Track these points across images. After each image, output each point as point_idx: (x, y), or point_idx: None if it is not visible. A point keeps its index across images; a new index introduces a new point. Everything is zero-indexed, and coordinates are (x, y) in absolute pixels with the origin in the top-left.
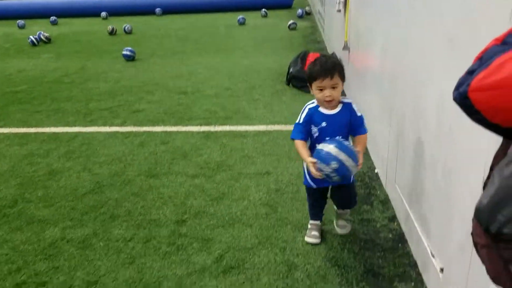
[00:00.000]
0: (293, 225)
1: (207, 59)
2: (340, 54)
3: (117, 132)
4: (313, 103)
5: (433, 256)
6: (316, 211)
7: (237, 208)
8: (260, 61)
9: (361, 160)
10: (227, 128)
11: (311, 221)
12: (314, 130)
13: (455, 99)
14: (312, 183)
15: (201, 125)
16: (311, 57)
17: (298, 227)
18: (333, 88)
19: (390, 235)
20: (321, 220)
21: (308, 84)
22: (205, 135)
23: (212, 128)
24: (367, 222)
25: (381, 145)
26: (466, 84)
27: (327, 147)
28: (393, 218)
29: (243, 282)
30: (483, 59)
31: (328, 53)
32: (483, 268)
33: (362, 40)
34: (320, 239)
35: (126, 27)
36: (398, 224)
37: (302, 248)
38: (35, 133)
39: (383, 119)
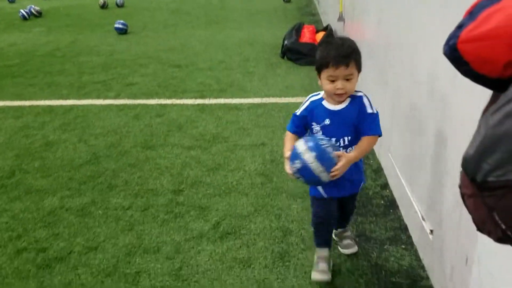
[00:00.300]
0: (288, 193)
1: (200, 31)
2: (335, 26)
3: (111, 105)
4: (317, 94)
5: (423, 219)
6: (324, 235)
7: (233, 178)
8: (254, 33)
9: (337, 170)
10: (221, 101)
11: (318, 250)
12: (316, 128)
13: (445, 53)
14: (322, 192)
15: (195, 98)
16: (306, 29)
17: (292, 196)
18: (347, 80)
19: (382, 202)
20: (330, 247)
21: (316, 71)
22: (200, 107)
23: (206, 101)
24: (360, 190)
25: None
26: (455, 37)
27: (298, 142)
28: (385, 185)
29: (240, 247)
30: (472, 14)
31: (323, 25)
32: (471, 228)
33: (357, 10)
34: (330, 275)
35: (118, 0)
36: (390, 191)
37: (297, 215)
38: (30, 106)
39: (378, 89)
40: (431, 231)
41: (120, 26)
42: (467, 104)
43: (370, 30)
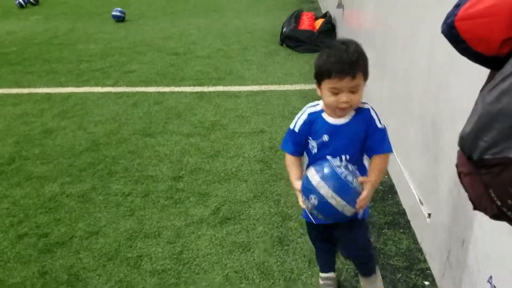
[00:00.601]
0: (287, 179)
1: (198, 19)
2: (334, 13)
3: (110, 93)
4: (315, 105)
5: (421, 203)
6: (322, 259)
7: (232, 164)
8: (253, 21)
9: (364, 200)
10: (220, 88)
11: (320, 274)
12: (313, 144)
13: (443, 32)
14: (311, 217)
15: (194, 85)
16: (305, 16)
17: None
18: (353, 92)
19: (381, 187)
20: (334, 271)
21: (315, 79)
22: (199, 95)
23: (205, 89)
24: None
25: (374, 101)
26: (453, 15)
27: (309, 171)
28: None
29: (239, 231)
30: None
31: (322, 12)
32: (468, 211)
33: None
34: None
35: None
36: (389, 177)
37: (296, 201)
38: (28, 94)
39: (376, 76)
40: (429, 214)
41: (118, 13)
42: (464, 88)
43: (368, 16)
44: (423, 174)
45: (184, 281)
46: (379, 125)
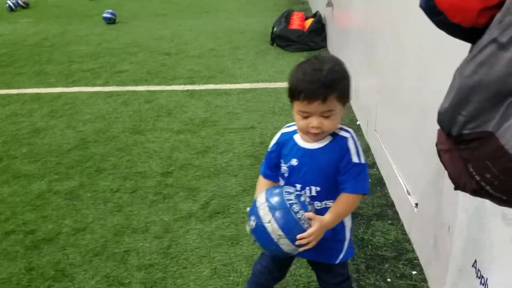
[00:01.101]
0: None
1: (190, 21)
2: (324, 11)
3: (100, 92)
4: (291, 125)
5: (408, 193)
6: None
7: (222, 160)
8: (245, 22)
9: (306, 239)
10: (211, 86)
11: None
12: (284, 168)
13: (421, 5)
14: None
15: (185, 84)
16: (295, 16)
17: None
18: (325, 117)
19: (370, 180)
20: None
21: (288, 97)
22: (189, 93)
23: (196, 87)
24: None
25: (363, 96)
26: None
27: (261, 192)
28: (373, 164)
29: (228, 225)
30: None
31: (312, 12)
32: (453, 198)
33: None
34: None
35: None
36: (378, 170)
37: None
38: (17, 94)
39: (365, 71)
40: (416, 204)
41: (109, 15)
42: (450, 77)
43: (357, 13)
44: (411, 165)
45: (171, 275)
46: (354, 159)
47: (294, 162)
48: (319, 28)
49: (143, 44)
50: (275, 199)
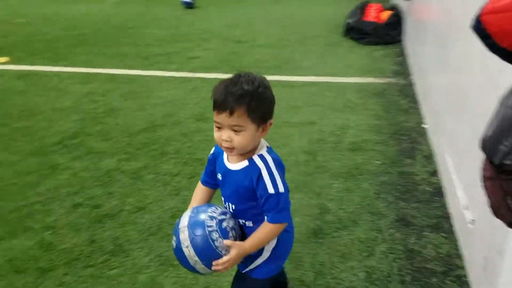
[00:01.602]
0: (331, 173)
1: (264, 9)
2: (403, 5)
3: (172, 77)
4: None
5: (465, 208)
6: None
7: (278, 153)
8: (319, 11)
9: (221, 266)
10: (275, 77)
11: None
12: (219, 180)
13: (472, 26)
14: None
15: None
16: (372, 8)
17: (335, 175)
18: (235, 131)
19: (428, 189)
20: None
21: None
22: None
23: None
24: (407, 175)
25: (433, 97)
26: (480, 9)
27: (188, 212)
28: (435, 172)
29: None
30: None
31: (389, 4)
32: None
33: None
34: None
35: None
36: (439, 178)
37: (337, 194)
38: (97, 74)
39: (436, 70)
40: (472, 220)
41: (187, 0)
42: None
43: (436, 8)
44: (471, 178)
45: None
46: (270, 190)
47: (219, 176)
48: (396, 21)
49: (217, 31)
50: (196, 225)
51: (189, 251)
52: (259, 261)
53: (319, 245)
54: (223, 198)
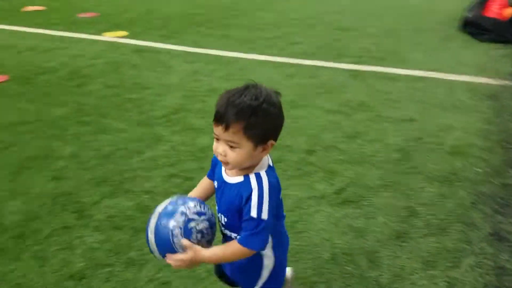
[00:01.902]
0: (425, 175)
1: None
2: None
3: (271, 61)
4: None
5: None
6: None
7: (368, 148)
8: (434, 1)
9: (173, 260)
10: (378, 69)
11: None
12: (215, 184)
13: None
14: None
15: (352, 63)
16: (494, 2)
17: (430, 178)
18: (231, 146)
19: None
20: None
21: None
22: (354, 73)
23: (362, 67)
24: (510, 187)
25: None
26: None
27: (165, 201)
28: None
29: (358, 216)
30: None
31: None
32: None
33: None
34: None
35: None
36: None
37: (428, 199)
38: (203, 54)
39: None
40: None
41: None
42: None
43: None
44: None
45: (291, 248)
46: (253, 213)
47: (215, 184)
48: None
49: (322, 17)
50: (165, 215)
51: (152, 237)
52: (260, 283)
53: (400, 248)
54: (217, 208)
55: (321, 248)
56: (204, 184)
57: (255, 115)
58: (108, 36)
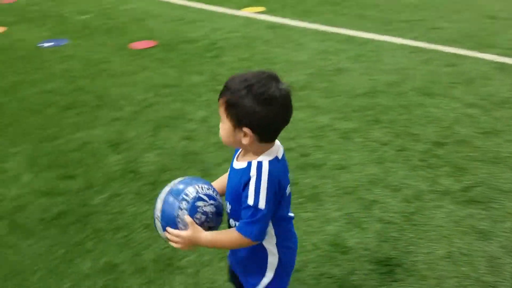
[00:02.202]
0: None
1: None
2: None
3: (406, 45)
4: None
5: None
6: None
7: (506, 149)
8: None
9: (172, 236)
10: None
11: None
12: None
13: None
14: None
15: (499, 54)
16: None
17: None
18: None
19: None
20: None
21: None
22: (500, 66)
23: (510, 61)
24: None
25: None
26: None
27: (180, 178)
28: None
29: (484, 218)
30: None
31: None
32: None
33: None
34: None
35: None
36: None
37: None
38: (335, 33)
39: None
40: None
41: None
42: None
43: None
44: None
45: (405, 239)
46: (249, 201)
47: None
48: None
49: (471, 2)
50: (178, 187)
51: (159, 204)
52: (265, 281)
53: None
54: (225, 196)
55: (437, 245)
56: (224, 177)
57: (238, 95)
58: (247, 11)
